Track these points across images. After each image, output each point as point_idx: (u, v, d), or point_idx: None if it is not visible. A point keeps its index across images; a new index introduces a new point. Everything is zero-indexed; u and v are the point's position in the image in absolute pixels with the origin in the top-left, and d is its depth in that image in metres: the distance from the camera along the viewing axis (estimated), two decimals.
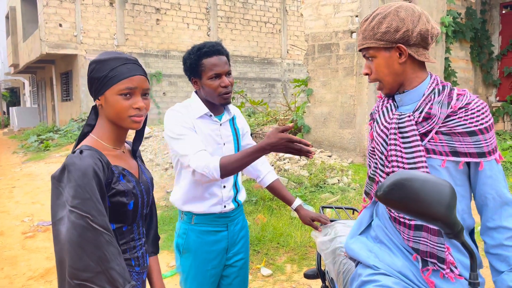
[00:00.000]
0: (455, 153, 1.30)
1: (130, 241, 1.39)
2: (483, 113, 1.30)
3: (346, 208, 2.38)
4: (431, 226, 1.31)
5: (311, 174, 5.78)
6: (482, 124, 1.29)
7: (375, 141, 1.45)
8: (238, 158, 1.68)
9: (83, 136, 1.39)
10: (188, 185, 1.90)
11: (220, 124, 1.93)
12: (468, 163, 1.33)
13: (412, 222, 1.35)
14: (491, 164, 1.31)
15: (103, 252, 1.18)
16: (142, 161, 1.54)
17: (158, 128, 10.77)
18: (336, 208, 2.38)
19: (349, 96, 6.86)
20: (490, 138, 1.30)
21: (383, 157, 1.42)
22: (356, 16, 6.70)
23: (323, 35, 7.11)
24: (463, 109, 1.30)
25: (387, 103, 1.45)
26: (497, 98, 9.26)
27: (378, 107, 1.49)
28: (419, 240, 1.34)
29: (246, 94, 12.38)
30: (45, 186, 7.47)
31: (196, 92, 1.97)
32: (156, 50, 15.12)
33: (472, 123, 1.28)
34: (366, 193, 1.57)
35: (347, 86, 6.87)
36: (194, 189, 1.89)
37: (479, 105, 1.30)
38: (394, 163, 1.38)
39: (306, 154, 1.62)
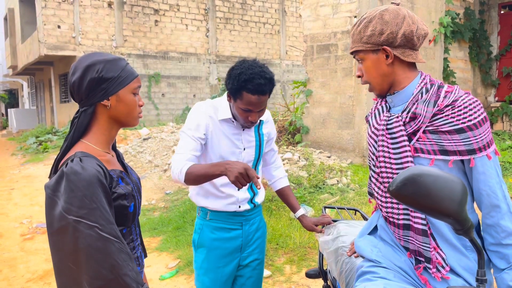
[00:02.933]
0: (444, 152, 1.30)
1: (130, 243, 1.39)
2: (471, 109, 1.28)
3: (348, 209, 2.37)
4: (417, 226, 1.34)
5: (310, 175, 5.77)
6: (470, 120, 1.27)
7: (368, 143, 1.50)
8: (200, 172, 1.71)
9: (74, 141, 1.32)
10: None
11: (243, 129, 1.95)
12: (462, 160, 1.32)
13: (401, 222, 1.38)
14: (483, 160, 1.30)
15: (115, 260, 1.18)
16: (124, 160, 1.54)
17: (157, 130, 10.76)
18: (338, 208, 2.38)
19: (348, 97, 6.86)
20: (480, 134, 1.28)
21: (374, 158, 1.46)
22: (355, 16, 6.70)
23: (322, 35, 7.11)
24: (450, 107, 1.30)
25: (380, 105, 1.49)
26: (496, 98, 9.27)
27: (372, 109, 1.53)
28: (408, 239, 1.38)
29: None
30: None
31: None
32: (154, 51, 15.12)
33: (459, 120, 1.28)
34: (370, 194, 1.60)
35: (346, 86, 6.87)
36: (209, 185, 1.93)
37: (466, 101, 1.29)
38: (382, 164, 1.41)
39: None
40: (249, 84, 1.76)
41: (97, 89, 1.30)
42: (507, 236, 1.29)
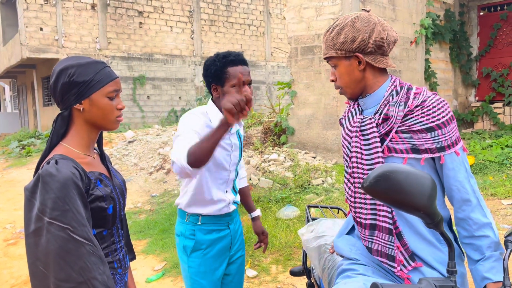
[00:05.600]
0: (416, 150, 1.37)
1: (111, 245, 1.40)
2: (439, 109, 1.36)
3: (331, 208, 2.44)
4: (384, 225, 1.39)
5: (295, 175, 5.82)
6: (439, 119, 1.35)
7: (342, 144, 1.54)
8: (203, 141, 1.50)
9: (53, 146, 1.34)
10: (195, 189, 1.97)
11: (230, 133, 2.01)
12: (433, 158, 1.39)
13: (368, 222, 1.42)
14: (452, 157, 1.37)
15: (84, 262, 1.18)
16: (111, 163, 1.54)
17: (142, 132, 10.71)
18: (321, 207, 2.45)
19: (332, 98, 6.94)
20: (448, 132, 1.35)
21: (348, 159, 1.50)
22: (338, 19, 6.79)
23: (306, 37, 7.18)
24: (419, 107, 1.37)
25: (352, 108, 1.54)
26: (476, 98, 9.47)
27: (345, 112, 1.57)
28: (373, 239, 1.42)
29: None
30: None
31: (212, 100, 1.99)
32: (139, 53, 15.03)
33: (429, 119, 1.35)
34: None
35: (330, 88, 6.94)
36: (202, 193, 1.96)
37: (434, 101, 1.37)
38: (354, 164, 1.45)
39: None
40: (229, 57, 1.87)
41: (69, 93, 1.31)
42: (479, 228, 1.35)
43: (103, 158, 1.48)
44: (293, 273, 2.24)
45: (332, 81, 1.51)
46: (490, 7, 9.27)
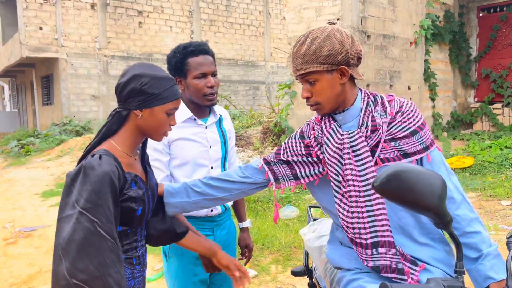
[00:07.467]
0: (406, 155, 1.37)
1: (132, 242, 1.44)
2: (414, 112, 1.40)
3: None
4: (387, 239, 1.34)
5: None
6: (418, 121, 1.39)
7: (329, 164, 1.43)
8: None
9: (103, 138, 1.40)
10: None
11: (206, 127, 1.91)
12: (417, 159, 1.40)
13: (369, 241, 1.36)
14: (433, 154, 1.41)
15: (103, 257, 1.22)
16: (149, 165, 1.57)
17: None
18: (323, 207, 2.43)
19: None
20: (427, 131, 1.40)
21: (340, 178, 1.41)
22: (338, 19, 6.80)
23: None
24: (400, 113, 1.39)
25: (330, 124, 1.44)
26: (476, 99, 9.49)
27: (322, 130, 1.45)
28: (378, 257, 1.36)
29: (230, 97, 12.40)
30: (27, 192, 7.36)
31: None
32: (139, 53, 15.02)
33: (411, 123, 1.38)
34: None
35: None
36: None
37: (410, 106, 1.41)
38: (350, 182, 1.38)
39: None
40: (189, 48, 1.82)
41: (135, 99, 1.37)
42: (468, 223, 1.35)
43: (143, 160, 1.52)
44: (294, 273, 2.23)
45: (307, 97, 1.42)
46: (490, 8, 9.28)
